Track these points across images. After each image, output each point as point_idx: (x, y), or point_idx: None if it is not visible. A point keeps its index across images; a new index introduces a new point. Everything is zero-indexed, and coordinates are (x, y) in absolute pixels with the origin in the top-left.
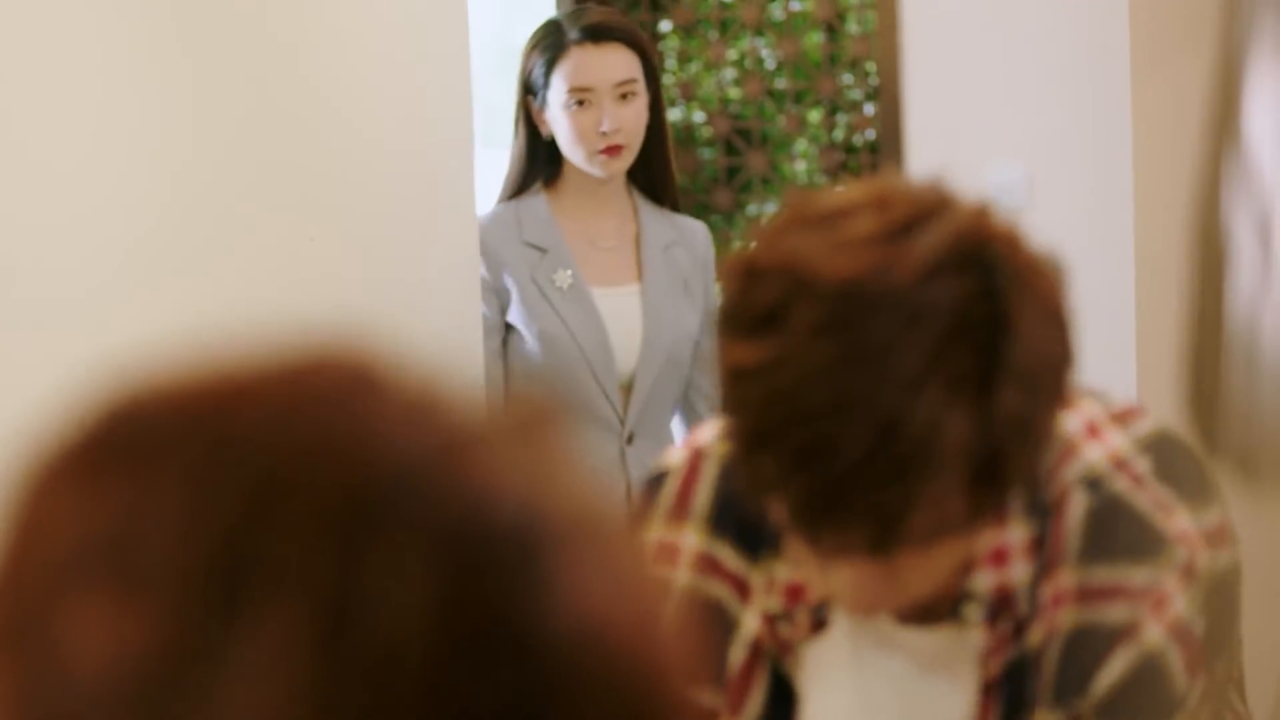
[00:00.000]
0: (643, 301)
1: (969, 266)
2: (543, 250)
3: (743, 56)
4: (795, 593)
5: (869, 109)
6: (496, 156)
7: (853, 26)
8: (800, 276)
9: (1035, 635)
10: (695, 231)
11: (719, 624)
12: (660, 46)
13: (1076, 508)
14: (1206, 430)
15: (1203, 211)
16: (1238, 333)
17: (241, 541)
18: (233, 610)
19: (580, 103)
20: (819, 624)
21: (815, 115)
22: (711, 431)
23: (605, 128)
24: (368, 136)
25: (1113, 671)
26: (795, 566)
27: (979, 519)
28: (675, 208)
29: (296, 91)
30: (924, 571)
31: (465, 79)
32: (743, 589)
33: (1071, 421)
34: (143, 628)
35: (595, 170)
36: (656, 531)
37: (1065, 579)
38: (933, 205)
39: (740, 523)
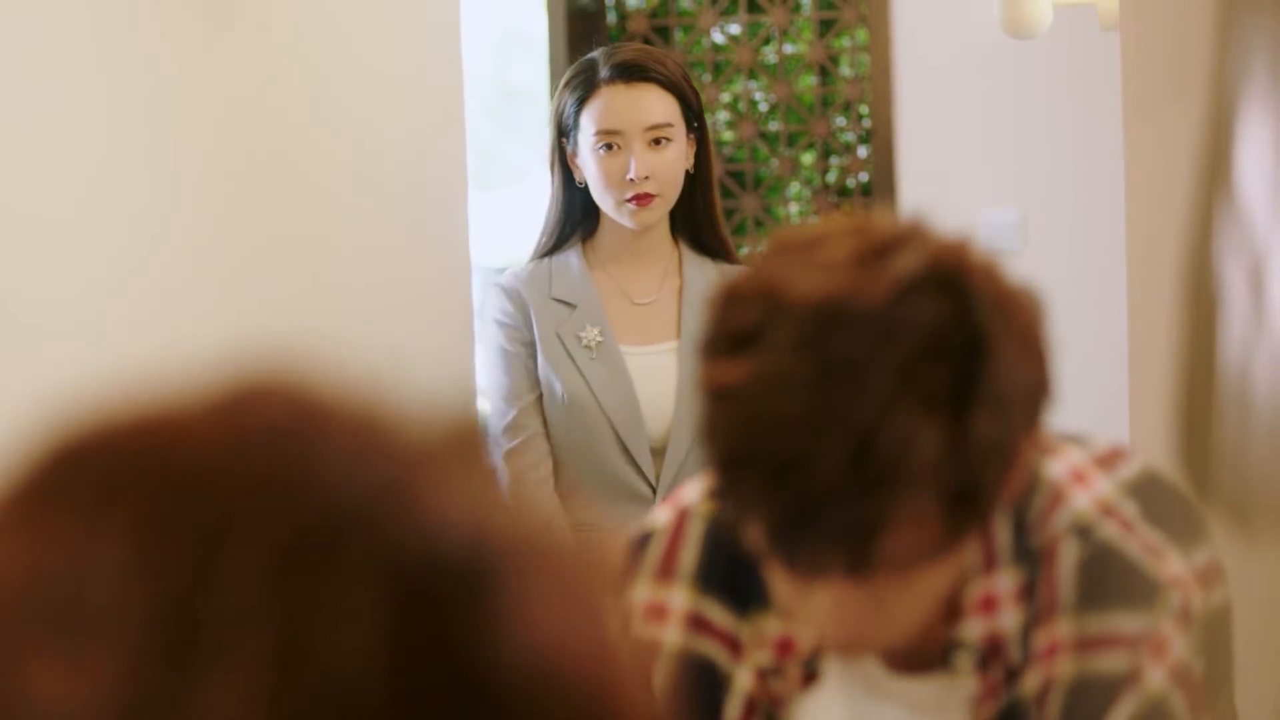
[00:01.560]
0: (679, 359)
1: (944, 289)
2: (571, 306)
3: (736, 99)
4: (785, 646)
5: (862, 151)
6: (490, 198)
7: (846, 69)
8: (777, 297)
9: (1030, 683)
10: None
11: (712, 683)
12: None
13: (1068, 557)
14: (1199, 476)
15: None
16: (1230, 378)
17: (191, 586)
18: (186, 658)
19: (609, 146)
20: (810, 677)
21: (808, 158)
22: (696, 490)
23: (633, 174)
24: (362, 177)
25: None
26: (784, 619)
27: (955, 543)
28: (727, 258)
29: (291, 134)
30: (906, 600)
31: (459, 121)
32: (734, 646)
33: (1057, 468)
34: (96, 682)
35: (624, 220)
36: (644, 592)
37: (1061, 629)
38: (910, 233)
39: (728, 580)
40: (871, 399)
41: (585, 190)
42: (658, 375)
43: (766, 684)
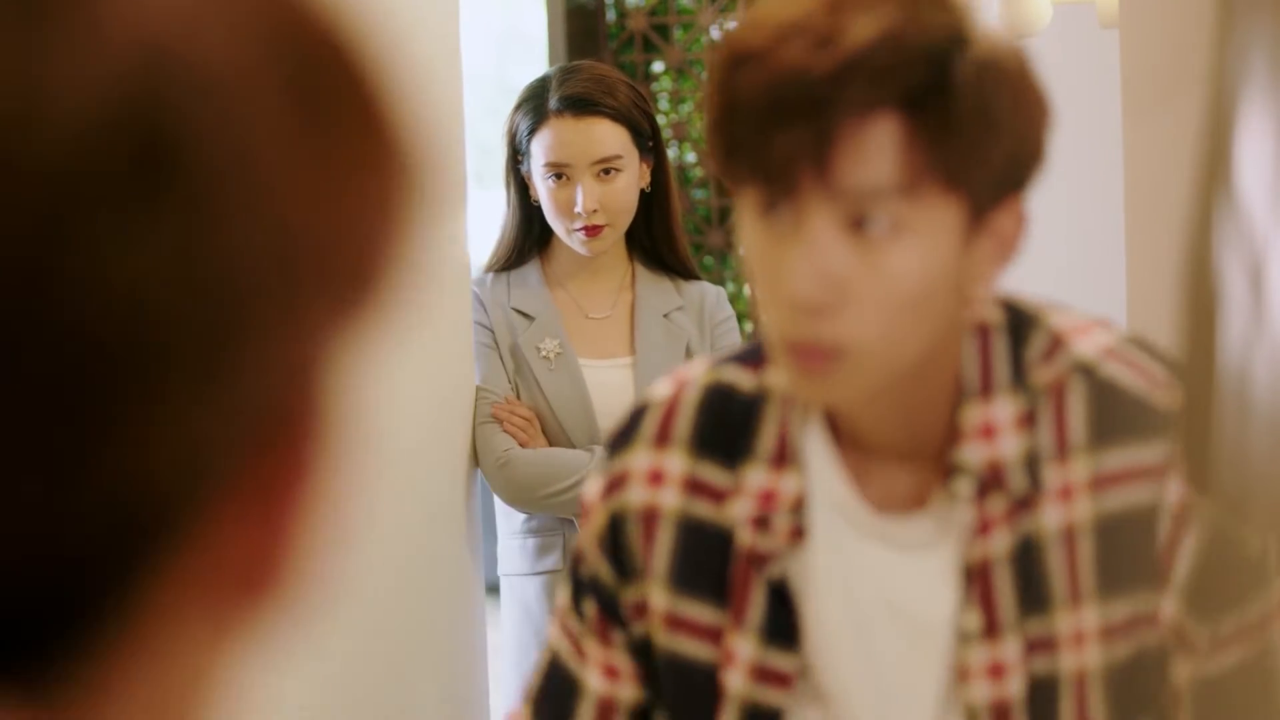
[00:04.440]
0: (634, 375)
1: None
2: (530, 318)
3: None
4: (768, 497)
5: None
6: (489, 197)
7: None
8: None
9: (1049, 522)
10: (703, 293)
11: (712, 543)
12: (653, 87)
13: (1075, 396)
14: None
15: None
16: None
17: None
18: None
19: (558, 176)
20: (797, 532)
21: None
22: (696, 368)
23: (579, 208)
24: None
25: (1183, 556)
26: (767, 470)
27: (917, 178)
28: (686, 274)
29: None
30: (876, 277)
31: (459, 119)
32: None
33: (1056, 319)
34: None
35: (576, 247)
36: (643, 459)
37: (1076, 470)
38: None
39: (722, 441)
40: (840, 5)
41: (540, 207)
42: (612, 389)
43: (756, 545)
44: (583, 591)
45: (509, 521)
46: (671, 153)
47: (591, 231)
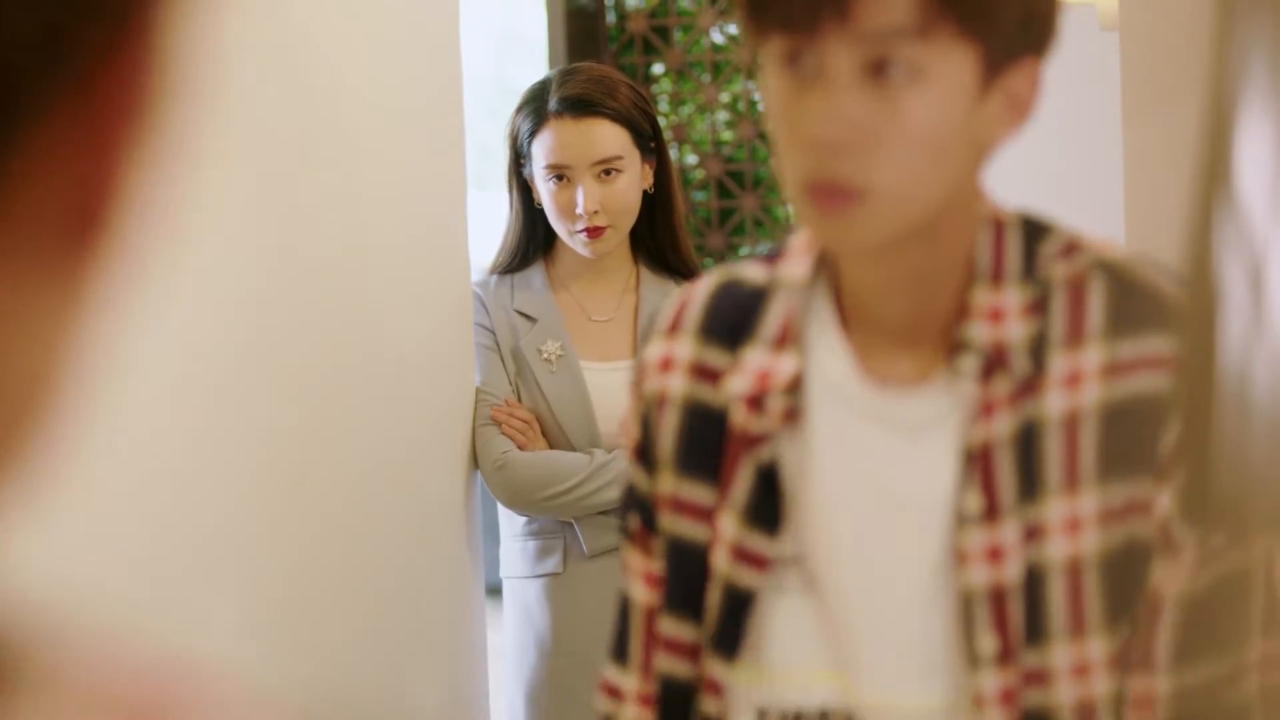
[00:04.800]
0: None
1: None
2: (533, 320)
3: (735, 99)
4: (764, 377)
5: None
6: (489, 198)
7: None
8: None
9: (1052, 407)
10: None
11: (712, 424)
12: (653, 89)
13: (1097, 289)
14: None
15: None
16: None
17: None
18: None
19: (559, 178)
20: (792, 414)
21: None
22: (714, 269)
23: (580, 209)
24: (361, 176)
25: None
26: (766, 351)
27: (933, 27)
28: (690, 276)
29: (288, 133)
30: (896, 125)
31: (459, 121)
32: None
33: (1072, 230)
34: None
35: (578, 249)
36: (656, 349)
37: (1089, 356)
38: None
39: (726, 324)
40: None
41: (544, 210)
42: (614, 391)
43: (749, 427)
44: (629, 507)
45: (510, 524)
46: (671, 154)
47: (593, 233)
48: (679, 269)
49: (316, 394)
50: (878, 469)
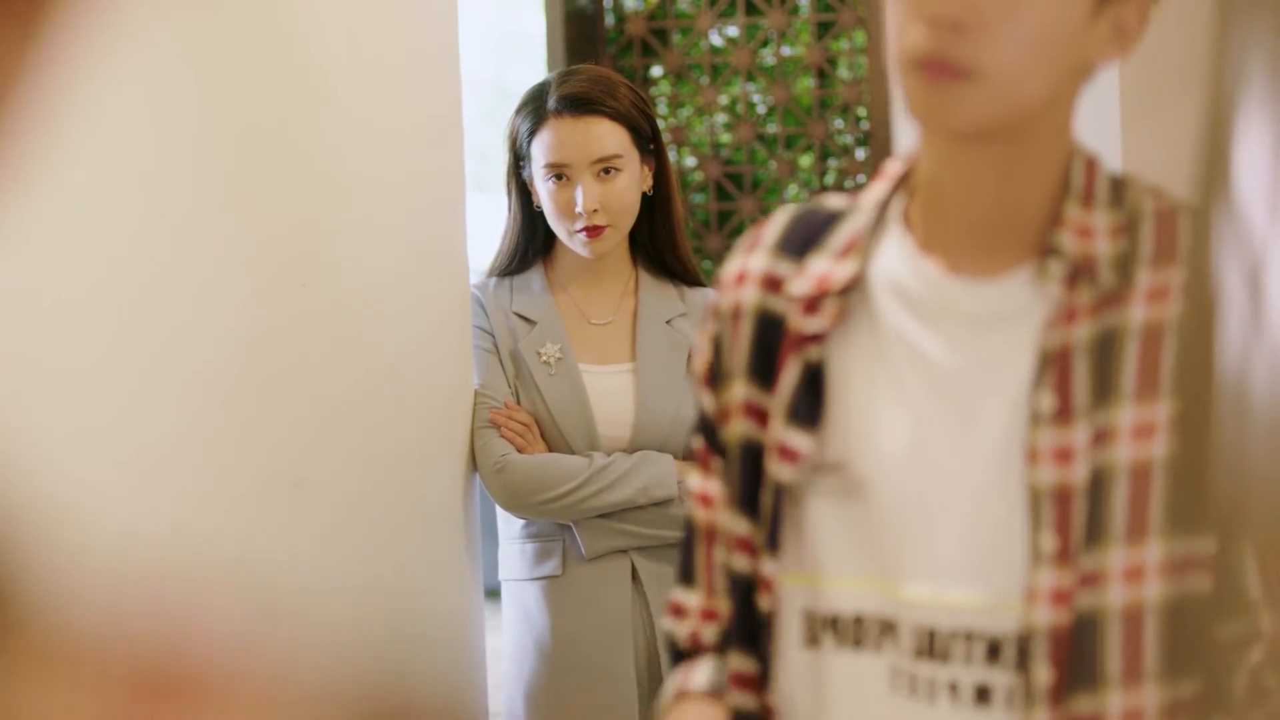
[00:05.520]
0: (635, 381)
1: None
2: (532, 322)
3: (734, 101)
4: (823, 280)
5: (860, 154)
6: (487, 200)
7: (844, 72)
8: None
9: (1134, 317)
10: (706, 300)
11: (779, 331)
12: (651, 91)
13: (1184, 222)
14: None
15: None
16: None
17: None
18: None
19: (559, 177)
20: (844, 315)
21: (806, 160)
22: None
23: (580, 207)
24: (360, 179)
25: None
26: (830, 259)
27: None
28: (689, 280)
29: (287, 135)
30: (1017, 7)
31: (457, 123)
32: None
33: None
34: None
35: (578, 249)
36: (733, 265)
37: (1178, 274)
38: None
39: (800, 240)
40: None
41: (543, 212)
42: (614, 395)
43: (802, 322)
44: (695, 430)
45: (509, 526)
46: (670, 156)
47: (593, 232)
48: (678, 272)
49: (315, 396)
50: (939, 369)
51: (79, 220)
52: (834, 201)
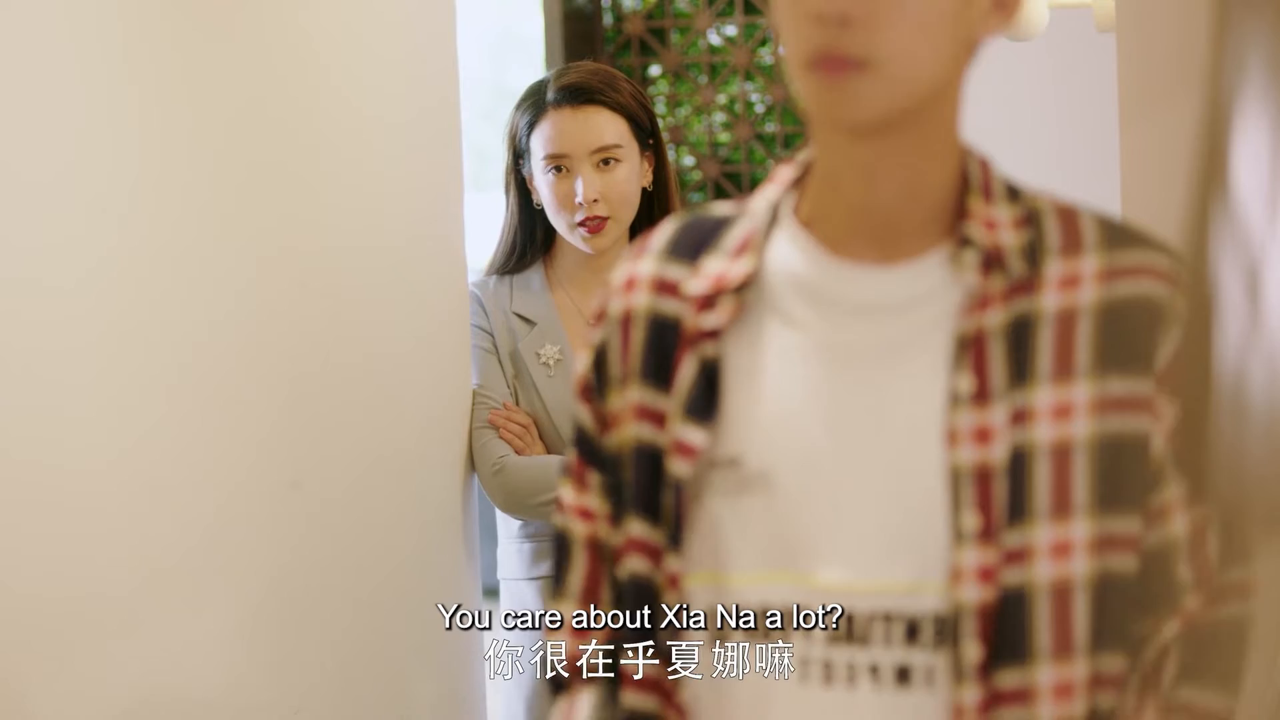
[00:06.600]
0: None
1: None
2: (531, 323)
3: (732, 101)
4: (719, 279)
5: None
6: (486, 200)
7: None
8: None
9: (1047, 304)
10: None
11: (672, 334)
12: (649, 91)
13: (1085, 218)
14: (1194, 480)
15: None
16: (1225, 381)
17: None
18: None
19: (558, 169)
20: (740, 310)
21: None
22: None
23: (580, 197)
24: (358, 179)
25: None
26: (725, 259)
27: None
28: None
29: (285, 136)
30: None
31: (455, 123)
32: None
33: None
34: None
35: (578, 244)
36: (621, 272)
37: (1087, 263)
38: None
39: (690, 244)
40: None
41: (543, 211)
42: None
43: (698, 319)
44: (569, 444)
45: (508, 526)
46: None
47: (594, 226)
48: None
49: (312, 396)
50: (845, 357)
51: (72, 218)
52: (722, 208)
